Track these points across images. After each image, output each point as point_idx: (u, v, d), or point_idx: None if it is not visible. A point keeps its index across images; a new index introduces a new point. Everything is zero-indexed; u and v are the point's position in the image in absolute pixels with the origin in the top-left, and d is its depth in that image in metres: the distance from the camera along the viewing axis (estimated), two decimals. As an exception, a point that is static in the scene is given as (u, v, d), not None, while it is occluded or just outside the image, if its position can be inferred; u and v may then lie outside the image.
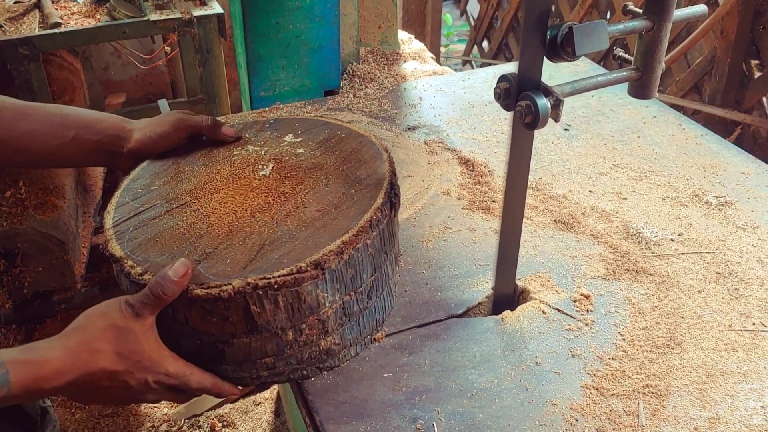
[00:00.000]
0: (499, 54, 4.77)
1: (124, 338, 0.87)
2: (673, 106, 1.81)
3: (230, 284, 0.87)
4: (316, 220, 0.97)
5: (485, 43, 5.04)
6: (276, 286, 0.88)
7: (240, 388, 0.97)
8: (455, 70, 2.50)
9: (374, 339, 1.08)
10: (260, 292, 0.87)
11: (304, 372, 0.98)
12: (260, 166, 1.10)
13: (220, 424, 2.50)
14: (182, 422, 2.50)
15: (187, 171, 1.11)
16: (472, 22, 5.18)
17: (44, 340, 0.87)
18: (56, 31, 2.47)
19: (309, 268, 0.89)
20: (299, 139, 1.17)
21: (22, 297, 2.57)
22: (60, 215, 2.55)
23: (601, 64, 3.24)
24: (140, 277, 0.91)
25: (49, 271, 2.55)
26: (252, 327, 0.90)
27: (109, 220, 1.02)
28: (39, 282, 2.56)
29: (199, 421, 2.51)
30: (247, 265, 0.91)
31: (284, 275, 0.88)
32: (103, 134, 1.11)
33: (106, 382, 0.87)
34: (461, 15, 5.61)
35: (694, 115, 3.02)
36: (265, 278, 0.87)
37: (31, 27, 2.50)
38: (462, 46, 5.58)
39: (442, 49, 5.21)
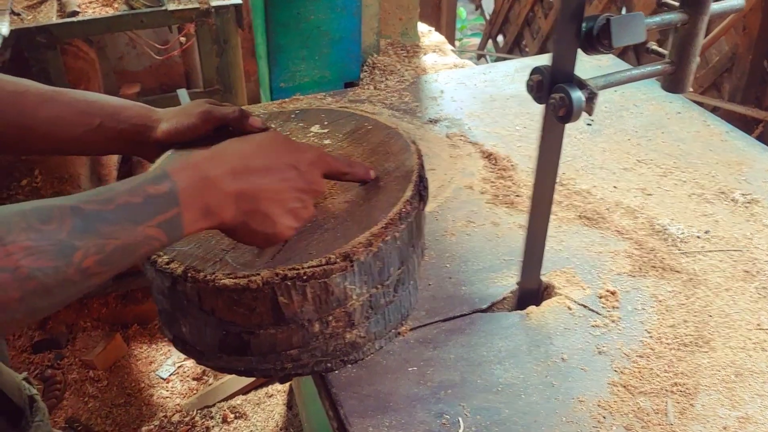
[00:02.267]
0: (514, 49, 4.75)
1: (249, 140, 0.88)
2: (692, 101, 1.79)
3: (258, 274, 0.86)
4: (345, 211, 0.96)
5: (500, 38, 5.01)
6: (305, 278, 0.87)
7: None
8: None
9: (398, 333, 1.07)
10: (288, 283, 0.87)
11: (329, 365, 0.97)
12: None
13: (232, 416, 2.50)
14: (194, 413, 2.51)
15: None
16: (487, 17, 5.16)
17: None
18: (74, 19, 2.47)
19: (338, 260, 0.88)
20: (326, 130, 1.16)
21: (37, 285, 2.56)
22: (75, 204, 2.56)
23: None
24: (167, 266, 0.90)
25: (64, 259, 2.56)
26: (279, 318, 0.90)
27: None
28: (54, 270, 2.56)
29: (212, 412, 2.52)
30: (275, 255, 0.90)
31: (313, 266, 0.87)
32: (128, 123, 1.09)
33: (272, 171, 0.84)
34: (476, 9, 5.58)
35: (713, 112, 2.98)
36: (294, 269, 0.87)
37: (49, 15, 2.50)
38: (476, 40, 5.56)
39: (456, 43, 5.19)
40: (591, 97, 0.93)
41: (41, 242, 0.65)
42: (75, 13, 2.51)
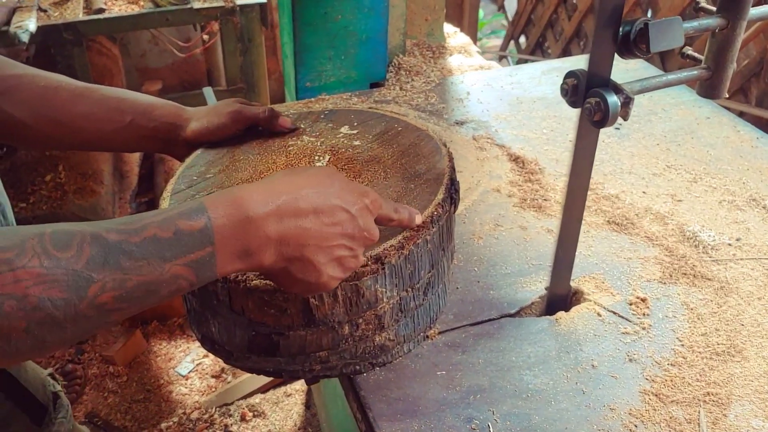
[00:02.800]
0: (536, 50, 4.72)
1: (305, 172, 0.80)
2: (721, 106, 1.77)
3: None
4: None
5: (522, 39, 4.99)
6: None
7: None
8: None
9: (427, 336, 1.06)
10: None
11: (357, 367, 0.97)
12: (316, 158, 1.09)
13: (250, 414, 2.50)
14: (213, 410, 2.51)
15: (243, 160, 1.10)
16: (510, 17, 5.13)
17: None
18: (100, 16, 2.49)
19: (369, 263, 0.88)
20: (355, 131, 1.15)
21: (59, 280, 2.59)
22: (98, 200, 2.58)
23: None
24: None
25: (86, 255, 2.57)
26: (309, 320, 0.90)
27: (164, 207, 1.01)
28: (76, 266, 2.58)
29: (230, 410, 2.52)
30: None
31: None
32: (159, 121, 1.10)
33: (322, 210, 0.76)
34: (498, 10, 5.56)
35: (739, 116, 2.95)
36: None
37: (76, 12, 2.52)
38: (495, 40, 5.53)
39: (477, 44, 5.17)
40: (627, 102, 0.92)
41: (55, 270, 0.60)
42: (101, 11, 2.52)
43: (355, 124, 1.17)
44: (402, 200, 0.97)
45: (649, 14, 3.73)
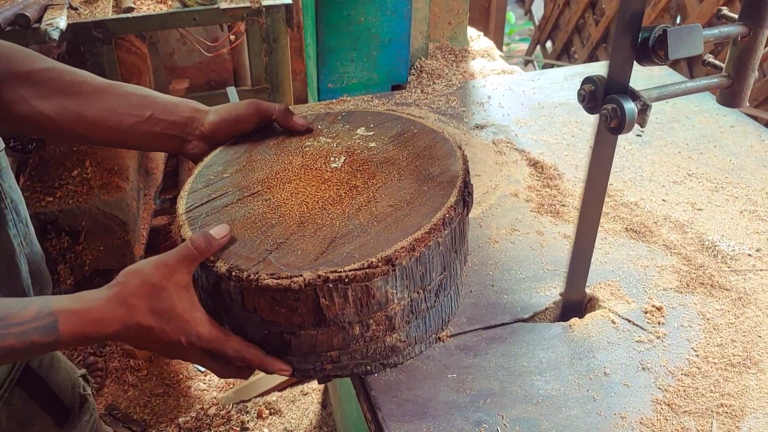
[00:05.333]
0: (562, 55, 4.70)
1: (157, 295, 0.87)
2: (746, 115, 1.75)
3: (301, 276, 0.87)
4: (388, 215, 0.96)
5: (548, 44, 4.96)
6: (346, 280, 0.87)
7: (288, 368, 0.96)
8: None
9: (439, 338, 1.06)
10: (330, 286, 0.87)
11: (368, 367, 0.97)
12: (332, 159, 1.09)
13: (267, 411, 2.52)
14: (230, 406, 2.54)
15: (259, 160, 1.11)
16: (536, 22, 5.11)
17: (89, 291, 0.89)
18: (129, 15, 2.52)
19: (380, 264, 0.88)
20: (371, 133, 1.16)
21: (82, 274, 2.63)
22: (123, 196, 2.61)
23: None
24: (212, 264, 0.91)
25: (110, 250, 2.62)
26: (320, 320, 0.90)
27: (182, 206, 1.03)
28: (100, 260, 2.63)
29: (247, 407, 2.54)
30: (318, 257, 0.90)
31: (355, 269, 0.87)
32: (178, 116, 1.11)
33: (144, 335, 0.88)
34: (525, 14, 5.53)
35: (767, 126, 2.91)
36: (336, 272, 0.87)
37: (105, 11, 2.56)
38: (523, 45, 5.51)
39: (504, 48, 5.16)
40: (644, 109, 0.92)
41: None
42: (130, 9, 2.56)
43: (372, 125, 1.18)
44: (415, 202, 0.98)
45: (678, 21, 3.69)
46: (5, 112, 1.05)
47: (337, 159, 1.09)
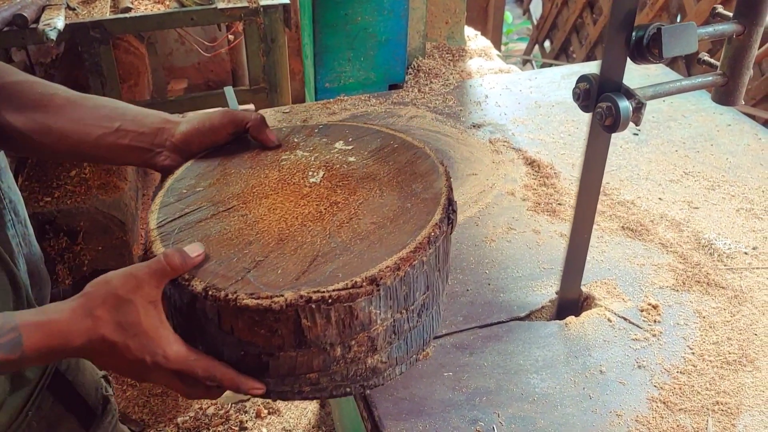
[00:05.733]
0: (560, 54, 4.70)
1: (123, 309, 0.83)
2: (745, 114, 1.75)
3: (282, 296, 0.83)
4: (371, 233, 0.93)
5: (547, 43, 4.97)
6: (329, 301, 0.84)
7: (261, 386, 0.91)
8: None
9: (419, 357, 1.02)
10: (313, 306, 0.84)
11: (347, 389, 0.94)
12: (310, 173, 1.06)
13: (265, 411, 2.52)
14: (229, 406, 2.54)
15: (234, 173, 1.08)
16: (534, 21, 5.11)
17: (56, 303, 0.86)
18: (127, 15, 2.52)
19: (364, 284, 0.85)
20: (350, 147, 1.12)
21: (81, 274, 2.63)
22: (121, 196, 2.62)
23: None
24: (187, 282, 0.87)
25: (108, 250, 2.62)
26: (301, 341, 0.87)
27: (153, 221, 0.98)
28: (98, 260, 2.63)
29: (246, 406, 2.54)
30: (300, 276, 0.87)
31: (339, 290, 0.84)
32: (148, 126, 1.07)
33: (108, 351, 0.84)
34: (524, 14, 5.54)
35: (766, 124, 2.91)
36: (318, 292, 0.84)
37: (103, 11, 2.56)
38: (522, 45, 5.51)
39: (502, 47, 5.16)
40: (638, 107, 0.92)
41: None
42: (128, 10, 2.56)
43: (350, 139, 1.15)
44: (398, 220, 0.95)
45: (678, 20, 3.69)
46: None
47: (315, 173, 1.06)
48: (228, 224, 0.97)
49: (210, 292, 0.85)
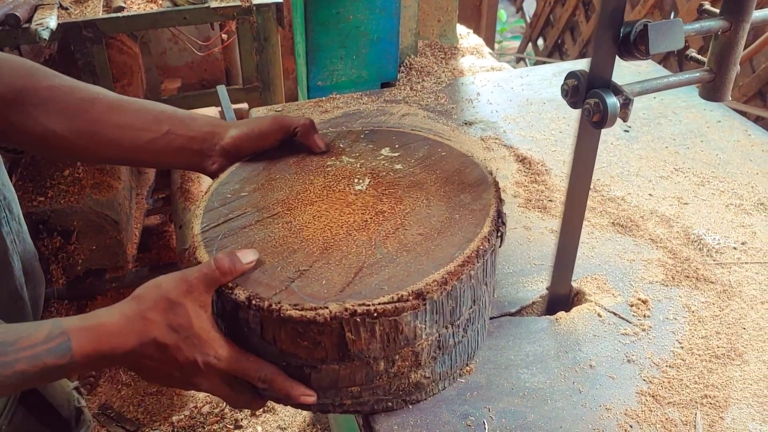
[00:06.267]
0: (554, 52, 4.71)
1: (174, 311, 0.84)
2: (736, 111, 1.76)
3: (327, 308, 0.82)
4: (418, 244, 0.92)
5: (540, 41, 4.98)
6: (375, 315, 0.83)
7: (312, 393, 0.90)
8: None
9: (462, 373, 1.02)
10: (358, 320, 0.83)
11: (389, 404, 0.93)
12: (356, 180, 1.05)
13: (260, 410, 2.53)
14: (224, 405, 2.54)
15: (279, 179, 1.07)
16: (528, 20, 5.12)
17: (104, 308, 0.86)
18: (119, 15, 2.52)
19: (410, 298, 0.84)
20: (397, 154, 1.11)
21: (75, 274, 2.64)
22: (115, 195, 2.61)
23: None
24: (230, 291, 0.87)
25: (102, 249, 2.62)
26: (344, 354, 0.86)
27: (197, 226, 0.98)
28: (92, 260, 2.63)
29: (241, 405, 2.54)
30: (345, 288, 0.86)
31: (384, 303, 0.83)
32: (197, 131, 1.08)
33: (158, 354, 0.85)
34: (517, 12, 5.55)
35: (757, 121, 2.93)
36: (364, 305, 0.83)
37: (95, 10, 2.56)
38: (516, 43, 5.52)
39: (496, 46, 5.17)
40: (626, 103, 0.93)
41: None
42: (121, 9, 2.56)
43: (397, 146, 1.14)
44: (446, 231, 0.94)
45: (672, 17, 3.71)
46: (14, 131, 1.03)
47: (361, 181, 1.05)
48: (272, 231, 0.96)
49: (253, 302, 0.85)
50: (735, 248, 1.28)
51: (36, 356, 0.78)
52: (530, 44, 5.08)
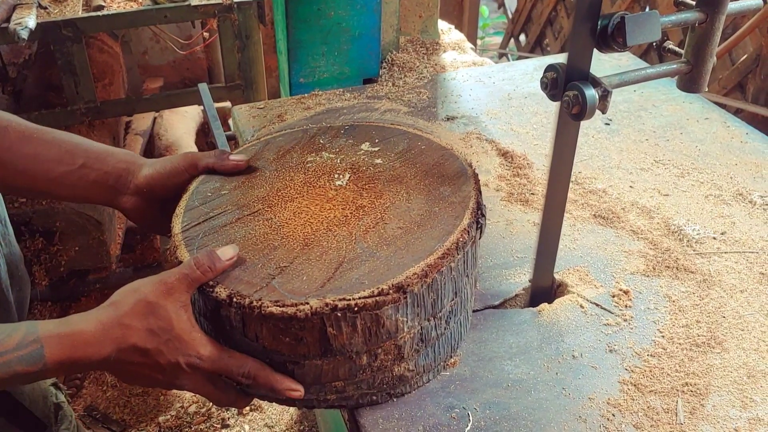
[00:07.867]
0: (536, 48, 4.73)
1: (154, 314, 0.84)
2: (716, 104, 1.78)
3: (307, 303, 0.83)
4: (398, 238, 0.92)
5: (522, 37, 5.00)
6: (355, 309, 0.83)
7: (299, 387, 0.90)
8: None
9: (446, 365, 1.02)
10: (339, 314, 0.83)
11: (374, 398, 0.94)
12: (336, 175, 1.06)
13: (247, 408, 2.52)
14: (211, 404, 2.53)
15: (259, 176, 1.07)
16: (510, 15, 5.14)
17: (80, 314, 0.85)
18: (99, 13, 2.50)
19: (391, 291, 0.84)
20: (377, 149, 1.11)
21: (58, 275, 2.62)
22: (97, 196, 2.60)
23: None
24: (211, 289, 0.87)
25: (85, 250, 2.60)
26: (326, 349, 0.86)
27: (177, 225, 0.98)
28: (75, 261, 2.61)
29: (228, 404, 2.54)
30: (325, 283, 0.86)
31: (365, 297, 0.83)
32: (112, 166, 1.05)
33: (139, 359, 0.84)
34: (499, 8, 5.57)
35: (736, 113, 2.96)
36: (344, 299, 0.83)
37: (75, 9, 2.53)
38: (497, 39, 5.54)
39: (478, 42, 5.18)
40: (605, 95, 0.93)
41: None
42: (100, 8, 2.54)
43: (377, 140, 1.14)
44: (426, 224, 0.94)
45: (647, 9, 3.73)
46: None
47: (341, 176, 1.05)
48: (253, 228, 0.96)
49: (234, 299, 0.85)
50: (714, 238, 1.29)
51: (6, 363, 0.77)
52: (512, 40, 5.10)
